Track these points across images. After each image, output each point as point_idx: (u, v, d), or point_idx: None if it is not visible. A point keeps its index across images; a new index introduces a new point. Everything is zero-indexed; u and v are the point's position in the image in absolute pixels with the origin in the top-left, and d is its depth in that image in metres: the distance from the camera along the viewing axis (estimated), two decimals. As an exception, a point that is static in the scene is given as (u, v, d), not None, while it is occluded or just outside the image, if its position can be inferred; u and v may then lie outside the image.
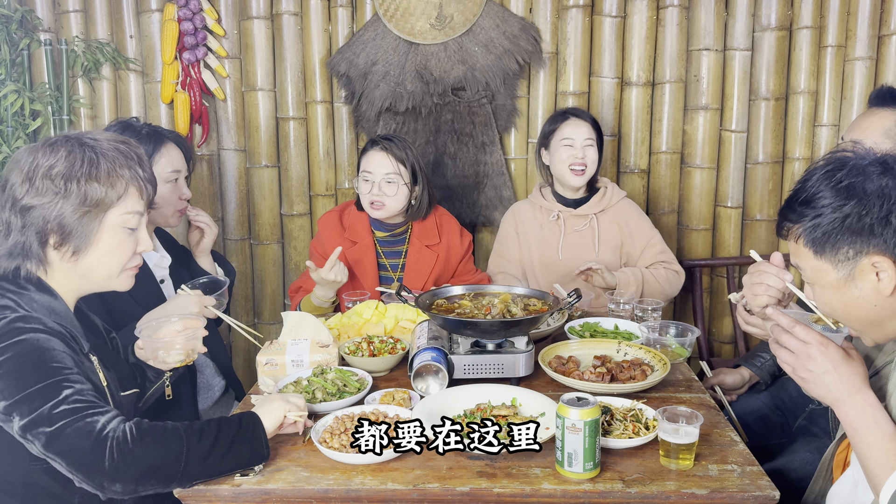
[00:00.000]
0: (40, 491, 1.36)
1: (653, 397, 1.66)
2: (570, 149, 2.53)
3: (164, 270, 2.13)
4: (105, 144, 1.42)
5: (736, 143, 3.00)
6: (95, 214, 1.39)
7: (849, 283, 1.23)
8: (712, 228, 3.11)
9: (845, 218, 1.19)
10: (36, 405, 1.26)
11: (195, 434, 1.30)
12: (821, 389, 1.27)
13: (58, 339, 1.34)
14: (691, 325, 1.94)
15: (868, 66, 2.91)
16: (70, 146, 1.39)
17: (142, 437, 1.26)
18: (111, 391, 1.45)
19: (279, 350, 1.80)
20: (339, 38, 2.98)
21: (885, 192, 1.18)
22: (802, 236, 1.25)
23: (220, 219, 3.14)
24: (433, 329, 1.80)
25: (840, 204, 1.20)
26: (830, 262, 1.23)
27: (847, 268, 1.22)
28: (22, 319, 1.33)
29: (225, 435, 1.32)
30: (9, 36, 2.81)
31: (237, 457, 1.33)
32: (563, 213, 2.62)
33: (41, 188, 1.36)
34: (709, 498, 1.27)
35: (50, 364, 1.30)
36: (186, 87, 2.95)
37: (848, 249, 1.21)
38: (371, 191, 2.40)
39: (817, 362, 1.26)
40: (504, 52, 2.89)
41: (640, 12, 2.91)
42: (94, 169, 1.38)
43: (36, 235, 1.38)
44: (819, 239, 1.22)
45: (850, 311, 1.26)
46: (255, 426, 1.36)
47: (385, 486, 1.30)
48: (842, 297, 1.25)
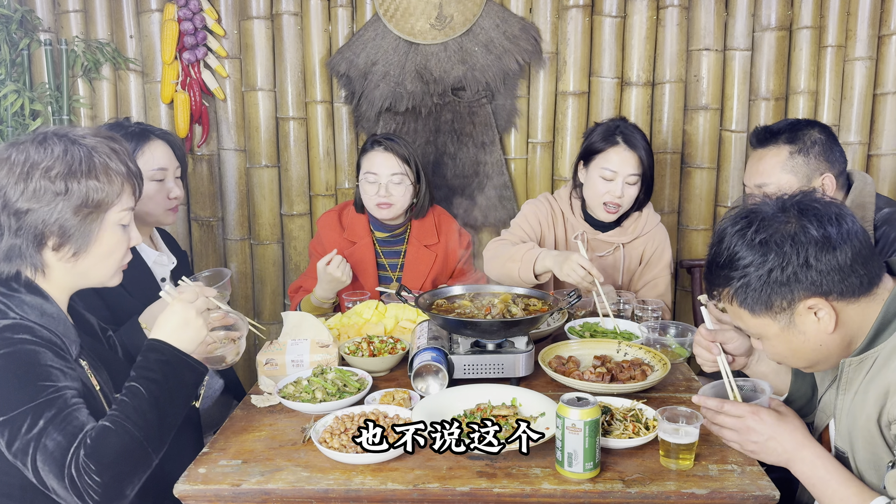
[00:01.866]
0: (38, 493, 1.35)
1: (653, 397, 1.66)
2: (608, 183, 2.26)
3: (166, 269, 2.13)
4: (93, 141, 1.38)
5: (736, 143, 3.00)
6: (97, 215, 1.37)
7: (791, 329, 1.26)
8: (712, 228, 3.11)
9: (770, 272, 1.22)
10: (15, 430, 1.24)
11: (138, 415, 1.29)
12: (771, 455, 1.30)
13: (46, 349, 1.31)
14: (691, 325, 1.94)
15: (868, 66, 2.91)
16: (63, 143, 1.34)
17: (99, 460, 1.23)
18: (104, 394, 1.43)
19: (279, 350, 1.80)
20: (339, 38, 2.98)
21: (797, 239, 1.20)
22: (735, 298, 1.27)
23: (221, 219, 3.15)
24: (433, 329, 1.80)
25: (760, 261, 1.22)
26: (768, 316, 1.26)
27: (786, 317, 1.25)
28: (10, 329, 1.29)
29: (162, 395, 1.33)
30: (9, 36, 2.81)
31: (183, 399, 1.37)
32: (588, 234, 2.39)
33: (39, 190, 1.31)
34: (709, 498, 1.27)
35: (36, 382, 1.27)
36: (186, 87, 2.95)
37: (781, 301, 1.23)
38: (378, 192, 2.39)
39: (757, 432, 1.29)
40: (504, 52, 2.89)
41: (640, 12, 2.91)
42: (93, 166, 1.35)
43: (33, 239, 1.33)
44: (752, 298, 1.25)
45: (799, 355, 1.30)
46: (179, 365, 1.37)
47: (385, 486, 1.30)
48: (789, 345, 1.28)
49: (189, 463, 1.39)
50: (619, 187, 2.26)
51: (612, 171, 2.25)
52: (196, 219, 3.13)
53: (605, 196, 2.28)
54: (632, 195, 2.29)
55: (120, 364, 1.58)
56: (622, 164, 2.25)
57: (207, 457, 1.42)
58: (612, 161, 2.26)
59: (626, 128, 2.31)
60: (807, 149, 1.90)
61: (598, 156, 2.29)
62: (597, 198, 2.31)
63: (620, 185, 2.26)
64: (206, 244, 3.14)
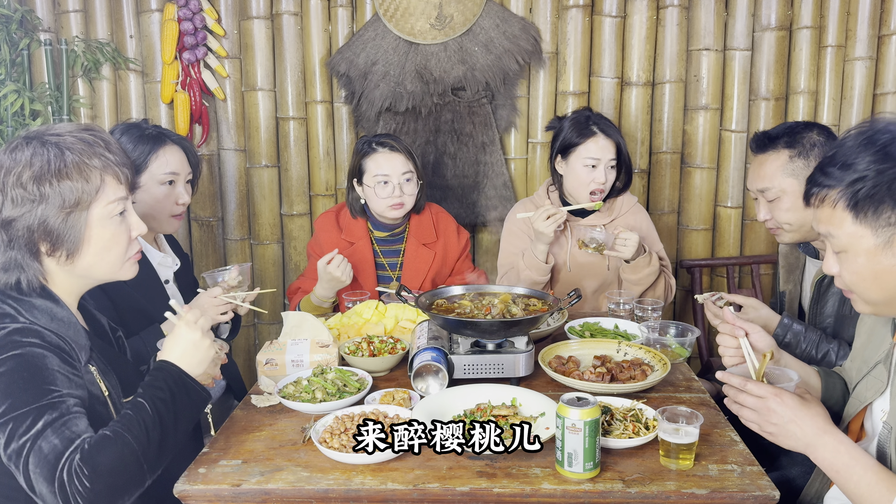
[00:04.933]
0: None
1: (653, 397, 1.66)
2: (592, 171, 2.37)
3: (170, 271, 2.13)
4: (68, 138, 1.35)
5: (736, 143, 3.00)
6: (79, 213, 1.34)
7: (886, 250, 1.19)
8: (712, 228, 3.11)
9: (892, 181, 1.16)
10: (13, 431, 1.23)
11: (139, 430, 1.28)
12: (790, 440, 1.27)
13: (53, 354, 1.30)
14: (691, 326, 1.94)
15: (868, 66, 2.91)
16: (32, 147, 1.32)
17: (93, 467, 1.21)
18: (112, 400, 1.43)
19: (279, 350, 1.80)
20: (339, 38, 2.98)
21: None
22: (841, 200, 1.21)
23: (221, 219, 3.15)
24: (433, 329, 1.80)
25: (884, 167, 1.16)
26: (871, 226, 1.19)
27: (887, 234, 1.18)
28: (19, 332, 1.29)
29: (167, 414, 1.33)
30: (9, 36, 2.81)
31: (187, 422, 1.37)
32: (570, 222, 2.48)
33: (16, 198, 1.29)
34: (709, 498, 1.27)
35: (40, 386, 1.26)
36: (186, 87, 2.95)
37: (891, 214, 1.17)
38: (392, 193, 2.39)
39: (778, 414, 1.26)
40: (504, 52, 2.89)
41: (640, 12, 2.91)
42: (63, 165, 1.32)
43: (25, 247, 1.32)
44: (862, 201, 1.18)
45: (879, 281, 1.22)
46: (186, 388, 1.38)
47: (385, 486, 1.30)
48: (874, 266, 1.21)
49: (189, 463, 1.39)
50: (603, 173, 2.37)
51: (595, 158, 2.36)
52: (196, 219, 3.13)
53: (591, 185, 2.38)
54: (612, 179, 2.42)
55: (128, 366, 1.58)
56: (603, 152, 2.37)
57: (207, 457, 1.42)
58: (593, 150, 2.37)
59: (598, 118, 2.43)
60: (806, 151, 1.90)
61: (578, 147, 2.39)
62: (582, 187, 2.40)
63: (603, 172, 2.38)
64: (206, 244, 3.15)
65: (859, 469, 1.20)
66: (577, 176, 2.39)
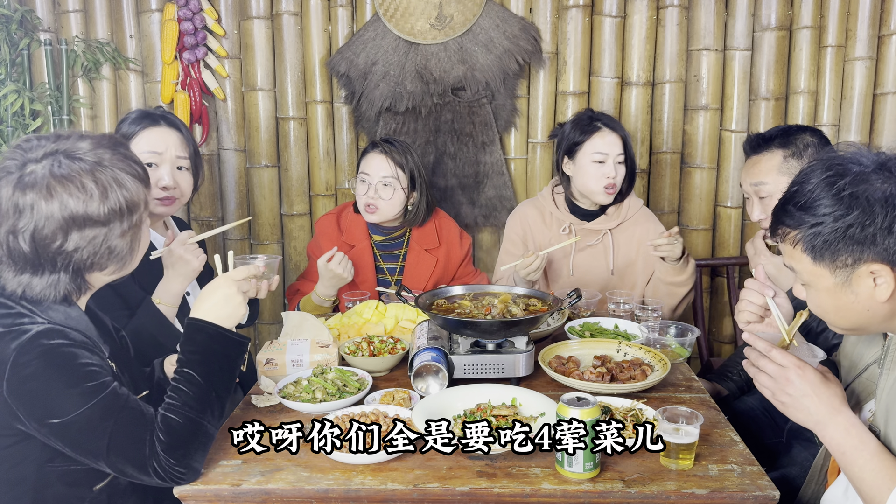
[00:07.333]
0: (50, 497, 1.35)
1: (653, 397, 1.66)
2: (601, 166, 2.34)
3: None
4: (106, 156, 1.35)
5: (736, 143, 3.00)
6: (137, 229, 1.39)
7: (845, 288, 1.22)
8: (712, 228, 3.11)
9: (848, 228, 1.18)
10: (78, 432, 1.26)
11: (195, 401, 1.33)
12: (801, 413, 1.27)
13: (82, 348, 1.31)
14: (691, 326, 1.94)
15: (868, 66, 2.91)
16: (91, 175, 1.31)
17: (170, 446, 1.28)
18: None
19: (279, 350, 1.80)
20: (339, 38, 2.98)
21: (889, 202, 1.16)
22: (801, 242, 1.23)
23: (221, 219, 3.15)
24: (433, 329, 1.80)
25: (842, 213, 1.18)
26: (828, 268, 1.22)
27: (844, 274, 1.21)
28: (45, 335, 1.28)
29: (213, 373, 1.36)
30: (9, 36, 2.81)
31: (231, 372, 1.40)
32: (574, 225, 2.46)
33: (86, 234, 1.31)
34: (709, 498, 1.27)
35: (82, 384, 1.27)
36: (186, 87, 2.95)
37: (847, 257, 1.19)
38: (367, 192, 2.40)
39: (796, 386, 1.26)
40: (504, 52, 2.89)
41: (640, 12, 2.91)
42: (126, 191, 1.34)
43: (78, 269, 1.34)
44: (819, 247, 1.21)
45: (842, 314, 1.26)
46: (222, 342, 1.40)
47: (385, 486, 1.30)
48: (836, 302, 1.25)
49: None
50: (612, 168, 2.35)
51: (603, 153, 2.34)
52: (196, 219, 3.13)
53: (604, 180, 2.35)
54: (622, 174, 2.38)
55: (133, 364, 1.58)
56: (610, 147, 2.35)
57: (207, 457, 1.41)
58: (599, 145, 2.35)
59: (601, 115, 2.43)
60: (800, 152, 1.92)
61: (584, 144, 2.37)
62: (593, 182, 2.37)
63: (613, 167, 2.35)
64: (205, 244, 3.14)
65: (866, 453, 1.21)
66: (587, 172, 2.36)
